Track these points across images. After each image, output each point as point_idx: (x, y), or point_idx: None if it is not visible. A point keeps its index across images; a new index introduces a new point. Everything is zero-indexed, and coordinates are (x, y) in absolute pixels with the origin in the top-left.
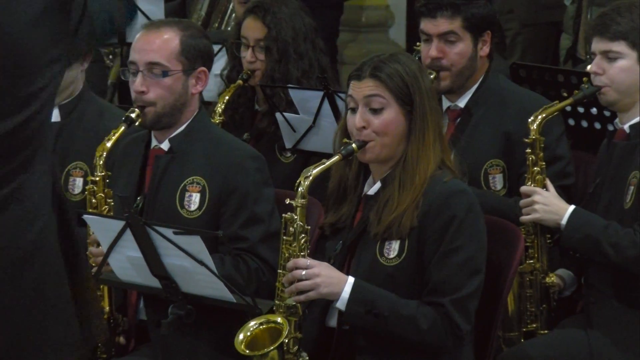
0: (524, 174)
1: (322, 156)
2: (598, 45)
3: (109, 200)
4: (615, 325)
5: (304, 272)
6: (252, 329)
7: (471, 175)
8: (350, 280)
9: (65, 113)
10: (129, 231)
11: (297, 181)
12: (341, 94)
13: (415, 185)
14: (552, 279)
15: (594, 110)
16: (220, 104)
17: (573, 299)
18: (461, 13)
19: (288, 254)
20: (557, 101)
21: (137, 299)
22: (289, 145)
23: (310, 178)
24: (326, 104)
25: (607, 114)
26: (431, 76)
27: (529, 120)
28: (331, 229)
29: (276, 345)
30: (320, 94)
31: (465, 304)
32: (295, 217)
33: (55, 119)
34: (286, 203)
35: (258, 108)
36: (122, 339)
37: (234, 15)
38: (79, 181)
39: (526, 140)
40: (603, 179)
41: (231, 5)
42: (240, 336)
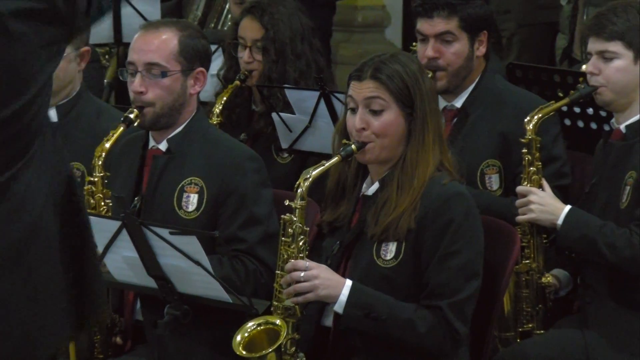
0: (520, 174)
1: (319, 156)
2: (594, 45)
3: (107, 201)
4: (611, 325)
5: (302, 274)
6: (250, 330)
7: (467, 175)
8: (348, 283)
9: (63, 113)
10: (125, 231)
11: (297, 183)
12: (337, 94)
13: (413, 187)
14: (548, 279)
15: (590, 111)
16: (218, 105)
17: (569, 299)
18: (458, 13)
19: (287, 256)
20: (554, 101)
21: (134, 300)
22: (285, 145)
23: (310, 179)
24: (322, 104)
25: (603, 114)
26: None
27: (525, 120)
28: (329, 227)
29: (274, 347)
30: (316, 94)
31: (462, 307)
32: (295, 219)
33: (53, 119)
34: (285, 204)
35: (255, 108)
36: (119, 339)
37: (230, 16)
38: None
39: (522, 140)
40: (599, 179)
41: (227, 5)
42: (238, 337)
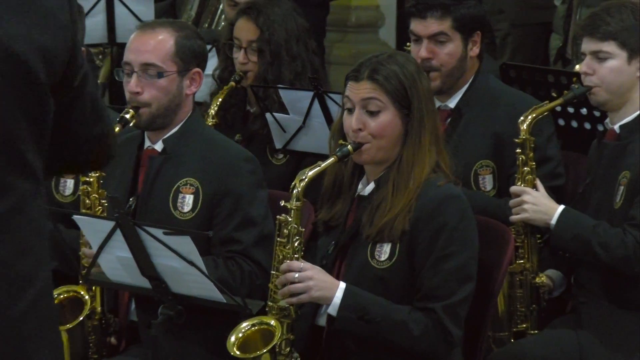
0: (514, 174)
1: (313, 157)
2: (588, 45)
3: (103, 201)
4: (604, 325)
5: (297, 275)
6: (244, 330)
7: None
8: (342, 285)
9: None
10: (119, 231)
11: (292, 183)
12: (331, 94)
13: (409, 188)
14: (542, 279)
15: (584, 111)
16: (213, 106)
17: (563, 299)
18: (451, 13)
19: (282, 256)
20: (547, 101)
21: (129, 300)
22: (278, 145)
23: (306, 180)
24: (316, 104)
25: (597, 114)
26: None
27: (519, 120)
28: (324, 226)
29: (268, 348)
30: (310, 94)
31: (456, 310)
32: (290, 220)
33: None
34: (280, 205)
35: (250, 109)
36: (114, 340)
37: (224, 16)
38: (70, 182)
39: (516, 140)
40: (593, 179)
41: (221, 6)
42: (232, 338)
